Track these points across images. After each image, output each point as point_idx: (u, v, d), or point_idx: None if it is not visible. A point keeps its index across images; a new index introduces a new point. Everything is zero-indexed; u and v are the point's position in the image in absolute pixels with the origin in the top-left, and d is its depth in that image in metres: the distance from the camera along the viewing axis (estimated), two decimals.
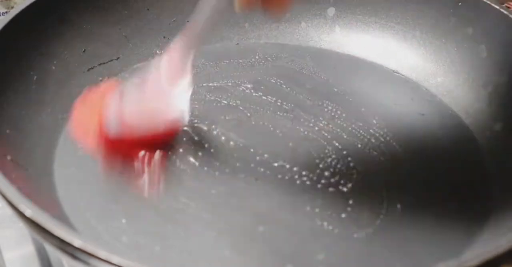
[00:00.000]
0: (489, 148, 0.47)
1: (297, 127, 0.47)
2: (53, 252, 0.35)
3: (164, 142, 0.43)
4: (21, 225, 0.33)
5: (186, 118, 0.43)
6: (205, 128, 0.47)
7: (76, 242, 0.30)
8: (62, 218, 0.38)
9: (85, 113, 0.44)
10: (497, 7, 0.50)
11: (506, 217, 0.39)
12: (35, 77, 0.46)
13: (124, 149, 0.42)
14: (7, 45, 0.44)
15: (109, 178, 0.42)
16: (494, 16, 0.50)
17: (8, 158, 0.39)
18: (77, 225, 0.38)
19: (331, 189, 0.42)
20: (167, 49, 0.42)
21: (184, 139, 0.45)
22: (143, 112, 0.41)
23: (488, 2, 0.50)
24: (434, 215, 0.41)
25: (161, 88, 0.41)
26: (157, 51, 0.55)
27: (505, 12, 0.49)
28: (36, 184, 0.39)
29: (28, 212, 0.31)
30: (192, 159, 0.44)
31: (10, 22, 0.44)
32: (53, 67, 0.48)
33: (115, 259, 0.29)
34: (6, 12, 0.58)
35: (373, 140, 0.47)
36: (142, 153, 0.42)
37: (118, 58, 0.53)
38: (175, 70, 0.41)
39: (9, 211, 0.33)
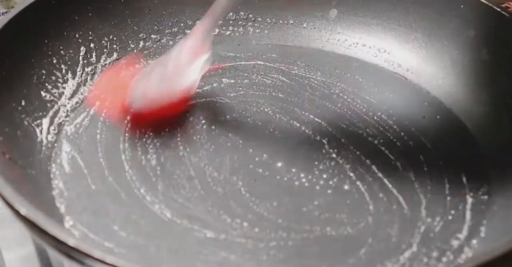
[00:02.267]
0: (490, 151, 0.46)
1: (297, 128, 0.47)
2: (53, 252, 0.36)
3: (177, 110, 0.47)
4: (21, 225, 0.33)
5: (194, 88, 0.48)
6: (204, 128, 0.47)
7: (71, 241, 0.30)
8: (59, 217, 0.38)
9: (108, 87, 0.50)
10: (499, 9, 0.49)
11: (505, 219, 0.39)
12: (35, 77, 0.46)
13: (145, 119, 0.46)
14: (7, 45, 0.44)
15: (107, 177, 0.42)
16: (496, 19, 0.49)
17: (7, 156, 0.39)
18: (74, 224, 0.38)
19: (329, 191, 0.42)
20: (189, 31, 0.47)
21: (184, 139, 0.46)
22: (163, 86, 0.46)
23: (490, 5, 0.50)
24: (432, 216, 0.41)
25: (181, 64, 0.46)
26: (158, 51, 0.55)
27: (507, 14, 0.49)
28: (34, 183, 0.40)
29: (23, 211, 0.31)
30: (191, 159, 0.44)
31: (10, 22, 0.44)
32: (53, 67, 0.48)
33: (109, 259, 0.29)
34: (6, 12, 0.58)
35: (373, 142, 0.46)
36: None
37: (119, 58, 0.53)
38: (195, 50, 0.45)
39: (9, 211, 0.33)
